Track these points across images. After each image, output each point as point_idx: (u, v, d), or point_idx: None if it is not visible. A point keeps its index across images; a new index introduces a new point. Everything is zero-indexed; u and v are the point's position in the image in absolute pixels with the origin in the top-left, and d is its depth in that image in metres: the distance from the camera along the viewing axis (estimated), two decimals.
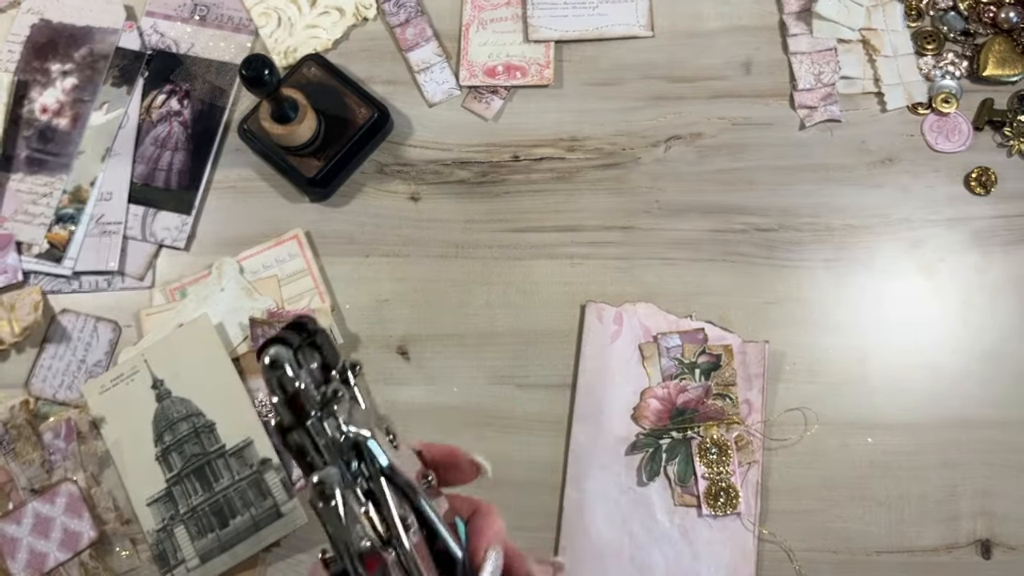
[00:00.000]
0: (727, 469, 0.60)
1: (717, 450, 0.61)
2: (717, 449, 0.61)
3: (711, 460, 0.61)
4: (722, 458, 0.60)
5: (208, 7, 0.75)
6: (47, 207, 0.70)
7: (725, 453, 0.61)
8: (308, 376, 0.29)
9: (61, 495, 0.62)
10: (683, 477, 0.61)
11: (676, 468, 0.61)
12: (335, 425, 0.30)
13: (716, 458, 0.61)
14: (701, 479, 0.60)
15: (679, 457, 0.61)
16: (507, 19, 0.74)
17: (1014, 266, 0.65)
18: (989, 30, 0.70)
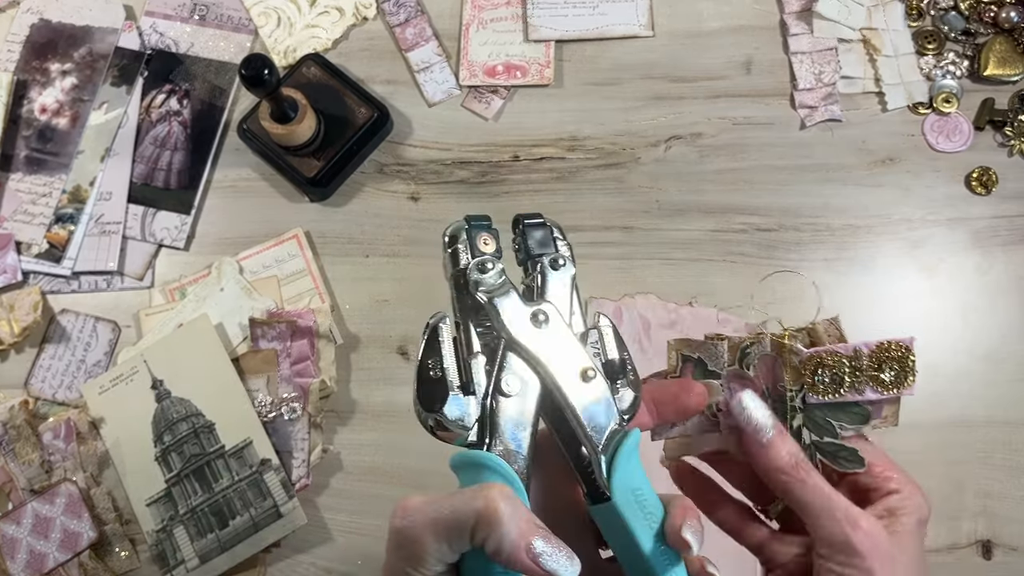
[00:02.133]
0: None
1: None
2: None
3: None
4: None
5: (207, 7, 0.75)
6: (46, 207, 0.70)
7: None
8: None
9: (60, 495, 0.61)
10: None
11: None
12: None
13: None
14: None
15: None
16: (507, 19, 0.73)
17: (1015, 266, 0.65)
18: (990, 29, 0.70)
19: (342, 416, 0.65)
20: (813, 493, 0.34)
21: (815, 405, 0.37)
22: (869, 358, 0.36)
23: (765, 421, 0.36)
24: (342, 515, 0.63)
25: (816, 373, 0.36)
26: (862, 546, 0.33)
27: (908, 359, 0.36)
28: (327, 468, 0.64)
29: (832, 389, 0.36)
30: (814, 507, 0.34)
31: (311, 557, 0.62)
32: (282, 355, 0.64)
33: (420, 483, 0.63)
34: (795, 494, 0.35)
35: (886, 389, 0.36)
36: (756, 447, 0.36)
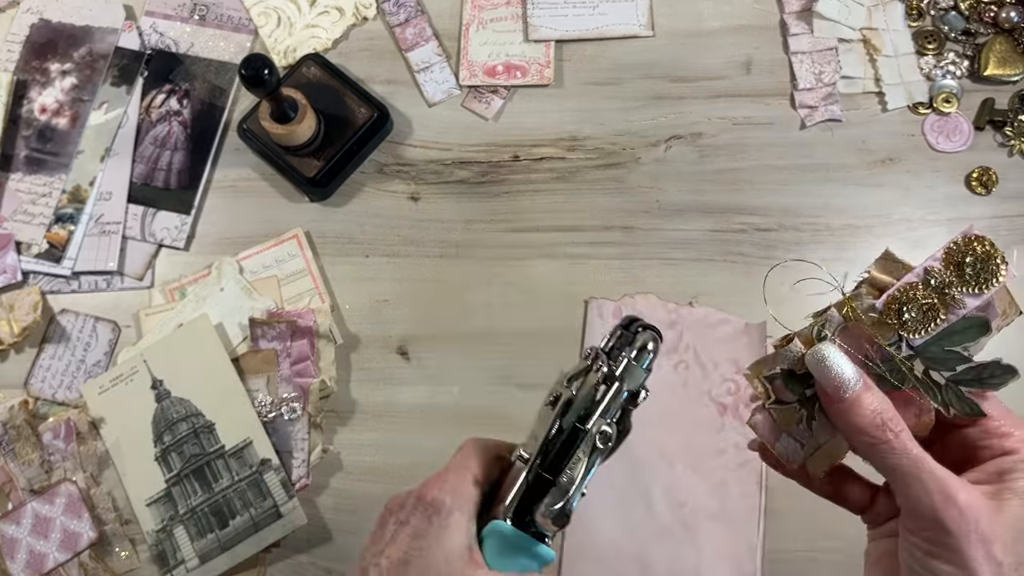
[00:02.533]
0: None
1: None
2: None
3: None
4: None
5: (207, 7, 0.75)
6: (46, 207, 0.69)
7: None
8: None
9: (60, 495, 0.61)
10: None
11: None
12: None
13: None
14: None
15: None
16: (507, 19, 0.73)
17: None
18: (990, 29, 0.70)
19: (342, 416, 0.65)
20: (900, 457, 0.31)
21: (925, 344, 0.33)
22: (945, 270, 0.33)
23: (846, 375, 0.32)
24: (342, 515, 0.63)
25: (901, 315, 0.33)
26: (953, 524, 0.29)
27: (981, 246, 0.33)
28: (327, 468, 0.64)
29: (929, 320, 0.33)
30: (901, 473, 0.30)
31: (311, 557, 0.62)
32: (282, 355, 0.64)
33: (419, 483, 0.63)
34: (880, 459, 0.31)
35: (981, 286, 0.33)
36: (837, 406, 0.32)
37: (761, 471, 0.61)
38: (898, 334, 0.33)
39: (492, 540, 0.36)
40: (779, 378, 0.35)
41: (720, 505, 0.61)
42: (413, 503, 0.36)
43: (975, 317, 0.33)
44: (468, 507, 0.35)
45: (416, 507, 0.35)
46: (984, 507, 0.30)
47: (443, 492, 0.35)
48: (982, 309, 0.33)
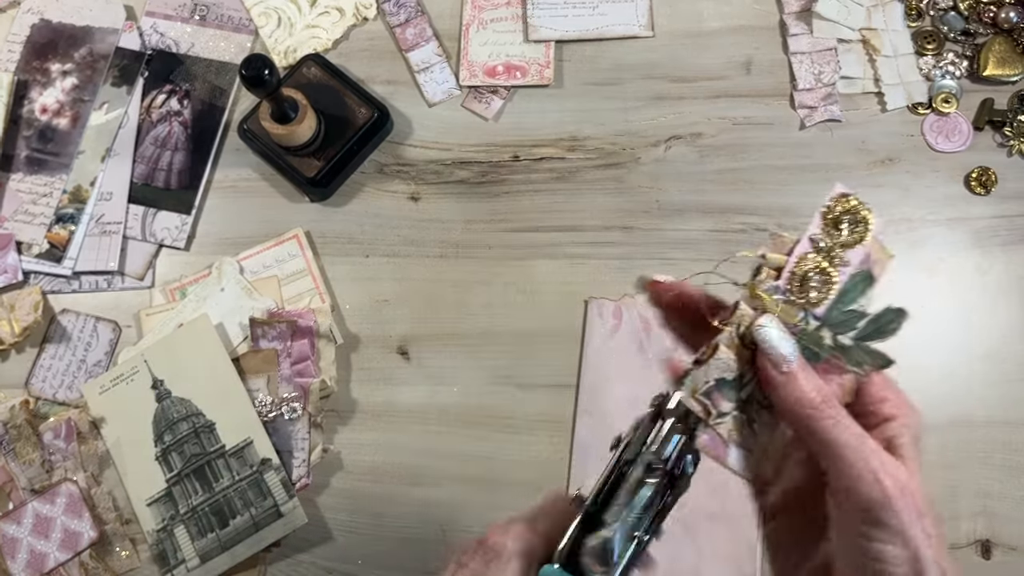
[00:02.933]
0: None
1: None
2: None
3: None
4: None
5: (208, 7, 0.75)
6: (47, 207, 0.70)
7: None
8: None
9: (61, 495, 0.62)
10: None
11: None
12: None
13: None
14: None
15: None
16: (507, 19, 0.73)
17: (1014, 266, 0.65)
18: (989, 30, 0.70)
19: (342, 416, 0.65)
20: (843, 431, 0.30)
21: (827, 312, 0.34)
22: (825, 235, 0.34)
23: (787, 349, 0.32)
24: (342, 514, 0.63)
25: (803, 287, 0.33)
26: (897, 502, 0.29)
27: (847, 204, 0.34)
28: (327, 468, 0.64)
29: (827, 287, 0.33)
30: (842, 449, 0.30)
31: (311, 556, 0.62)
32: (282, 355, 0.64)
33: (419, 482, 0.64)
34: (822, 432, 0.30)
35: (858, 240, 0.34)
36: (777, 378, 0.32)
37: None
38: (803, 309, 0.34)
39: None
40: (716, 390, 0.35)
41: (720, 505, 0.61)
42: (475, 547, 0.36)
43: (860, 271, 0.34)
44: (529, 554, 0.35)
45: (477, 551, 0.35)
46: (914, 482, 0.30)
47: (505, 537, 0.35)
48: (864, 263, 0.34)
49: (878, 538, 0.29)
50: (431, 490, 0.63)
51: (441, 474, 0.64)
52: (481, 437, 0.64)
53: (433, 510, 0.63)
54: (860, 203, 0.34)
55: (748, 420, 0.34)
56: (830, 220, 0.34)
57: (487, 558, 0.35)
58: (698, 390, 0.35)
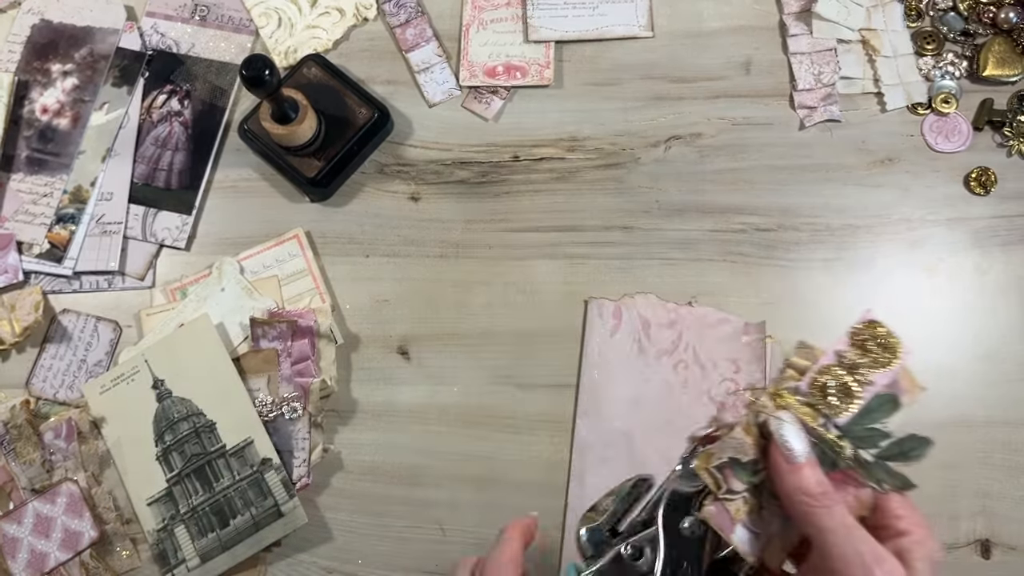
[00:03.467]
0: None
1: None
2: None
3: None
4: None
5: (208, 7, 0.75)
6: (47, 207, 0.70)
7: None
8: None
9: (62, 495, 0.62)
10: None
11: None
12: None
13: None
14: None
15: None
16: (507, 19, 0.74)
17: (1014, 266, 0.66)
18: (989, 30, 0.70)
19: (343, 416, 0.65)
20: (837, 521, 0.33)
21: (849, 424, 0.36)
22: (852, 350, 0.36)
23: (801, 446, 0.34)
24: (343, 514, 0.63)
25: (826, 396, 0.36)
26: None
27: (876, 330, 0.36)
28: (328, 467, 0.64)
29: (849, 398, 0.36)
30: (834, 536, 0.32)
31: (312, 556, 0.62)
32: (283, 355, 0.64)
33: (419, 482, 0.64)
34: (817, 521, 0.33)
35: (884, 365, 0.36)
36: (784, 467, 0.34)
37: None
38: (824, 416, 0.36)
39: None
40: (727, 467, 0.36)
41: None
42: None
43: (886, 394, 0.36)
44: None
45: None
46: (902, 573, 0.31)
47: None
48: (890, 387, 0.36)
49: None
50: (431, 490, 0.64)
51: (441, 474, 0.64)
52: (481, 437, 0.64)
53: (433, 510, 0.63)
54: (889, 332, 0.36)
55: (758, 505, 0.36)
56: (858, 341, 0.37)
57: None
58: (710, 464, 0.37)
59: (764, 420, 0.36)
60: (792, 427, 0.35)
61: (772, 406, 0.36)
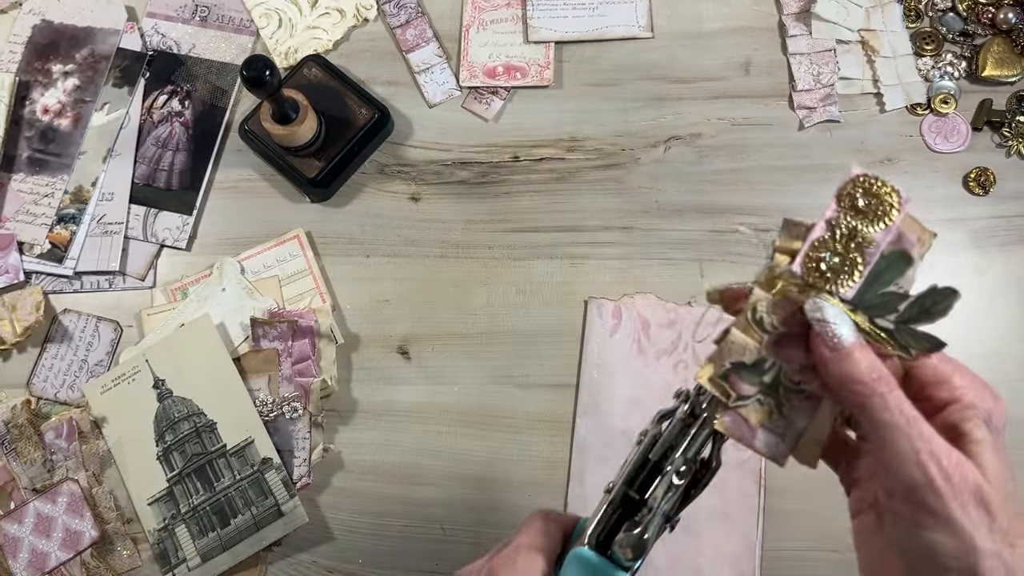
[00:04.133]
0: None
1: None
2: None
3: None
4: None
5: (209, 8, 0.75)
6: (49, 207, 0.70)
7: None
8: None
9: (63, 494, 0.62)
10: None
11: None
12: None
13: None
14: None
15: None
16: (507, 20, 0.74)
17: (1013, 266, 0.66)
18: (988, 31, 0.71)
19: (343, 415, 0.65)
20: (894, 411, 0.29)
21: (859, 295, 0.32)
22: (844, 212, 0.32)
23: (847, 328, 0.30)
24: (343, 514, 0.63)
25: (821, 269, 0.32)
26: (942, 486, 0.27)
27: (866, 183, 0.32)
28: (328, 467, 0.64)
29: (850, 267, 0.32)
30: (891, 429, 0.29)
31: (312, 556, 0.63)
32: (283, 355, 0.64)
33: (419, 482, 0.64)
34: (872, 411, 0.29)
35: (883, 220, 0.32)
36: (829, 356, 0.30)
37: (760, 471, 0.61)
38: (829, 292, 0.32)
39: (571, 569, 0.36)
40: (733, 373, 0.34)
41: (720, 504, 0.61)
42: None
43: (893, 252, 0.32)
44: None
45: None
46: (970, 469, 0.28)
47: (514, 574, 0.35)
48: (895, 243, 0.32)
49: (925, 524, 0.28)
50: (431, 490, 0.64)
51: (441, 474, 0.64)
52: (481, 437, 0.64)
53: (433, 510, 0.63)
54: (880, 182, 0.32)
55: (776, 404, 0.33)
56: (847, 202, 0.32)
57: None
58: (715, 374, 0.34)
59: (763, 315, 0.33)
60: (833, 308, 0.30)
61: (766, 296, 0.33)
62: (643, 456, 0.36)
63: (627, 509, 0.36)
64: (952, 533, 0.27)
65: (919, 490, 0.28)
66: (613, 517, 0.36)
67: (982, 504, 0.28)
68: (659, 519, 0.35)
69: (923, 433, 0.28)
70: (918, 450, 0.28)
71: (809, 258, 0.32)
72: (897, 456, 0.28)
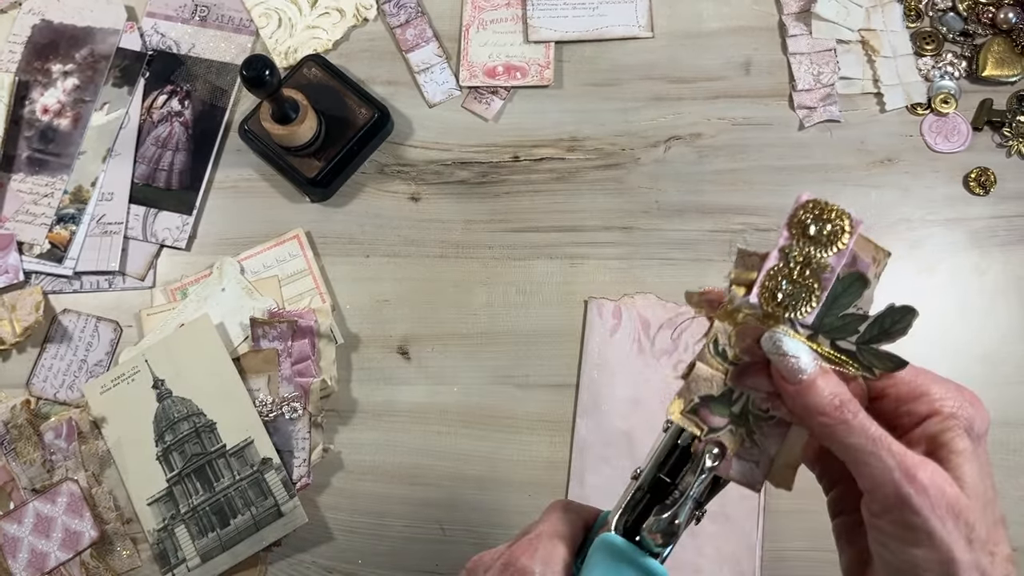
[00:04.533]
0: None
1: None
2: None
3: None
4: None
5: (209, 8, 0.75)
6: (48, 207, 0.70)
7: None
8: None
9: (62, 495, 0.62)
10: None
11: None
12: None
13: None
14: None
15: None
16: (507, 20, 0.74)
17: (1013, 266, 0.66)
18: (988, 30, 0.71)
19: (343, 416, 0.65)
20: (859, 435, 0.29)
21: (819, 320, 0.32)
22: (796, 240, 0.32)
23: (807, 357, 0.30)
24: (343, 514, 0.63)
25: (778, 298, 0.32)
26: (918, 501, 0.28)
27: (815, 208, 0.32)
28: (328, 467, 0.64)
29: (807, 293, 0.32)
30: (860, 453, 0.29)
31: (312, 556, 0.63)
32: (283, 355, 0.64)
33: (419, 482, 0.64)
34: (839, 438, 0.29)
35: (835, 244, 0.31)
36: (790, 389, 0.31)
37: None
38: (789, 320, 0.32)
39: (599, 555, 0.35)
40: (702, 406, 0.34)
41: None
42: (500, 569, 0.35)
43: (849, 274, 0.32)
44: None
45: (504, 574, 0.34)
46: (945, 480, 0.28)
47: (534, 561, 0.34)
48: (850, 265, 0.32)
49: (905, 539, 0.28)
50: (431, 490, 0.64)
51: (441, 474, 0.64)
52: (481, 437, 0.64)
53: (433, 510, 0.63)
54: (828, 206, 0.32)
55: (748, 433, 0.34)
56: (798, 229, 0.32)
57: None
58: (685, 408, 0.34)
59: (723, 348, 0.33)
60: (790, 340, 0.31)
61: (726, 328, 0.33)
62: (672, 441, 0.36)
63: (655, 496, 0.36)
64: (931, 547, 0.28)
65: (896, 508, 0.28)
66: (641, 503, 0.36)
67: (959, 516, 0.28)
68: (690, 505, 0.34)
69: (893, 450, 0.29)
70: (890, 468, 0.28)
71: (765, 288, 0.32)
72: (871, 478, 0.29)
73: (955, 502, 0.28)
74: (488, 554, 0.37)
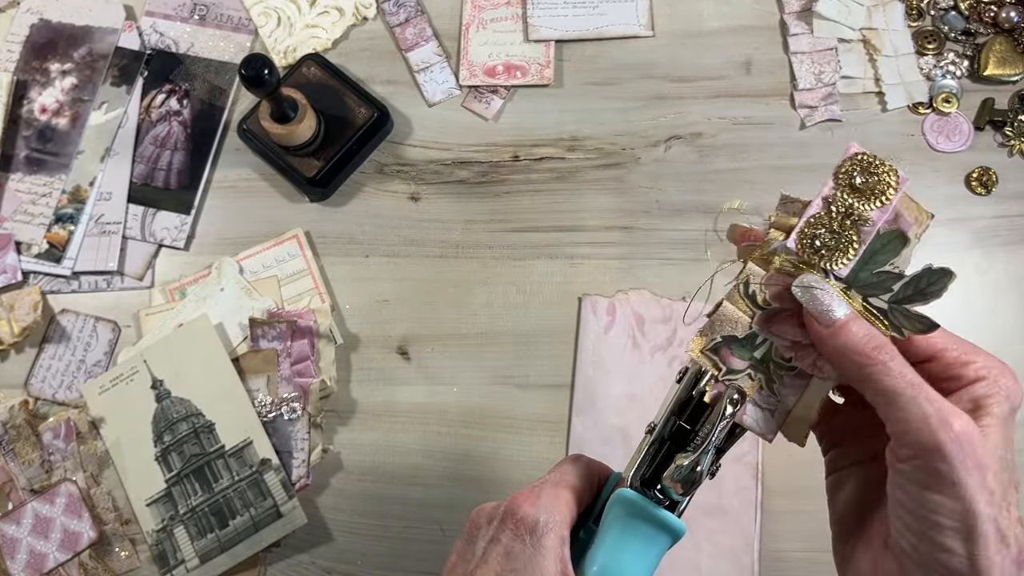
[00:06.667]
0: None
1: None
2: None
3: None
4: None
5: (207, 7, 0.75)
6: (46, 207, 0.70)
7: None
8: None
9: (61, 495, 0.62)
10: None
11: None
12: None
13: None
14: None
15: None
16: (507, 19, 0.73)
17: (1014, 266, 0.65)
18: (990, 29, 0.70)
19: (342, 416, 0.65)
20: (898, 378, 0.29)
21: (854, 273, 0.32)
22: (841, 191, 0.32)
23: (838, 303, 0.30)
24: (342, 515, 0.63)
25: (815, 245, 0.31)
26: (950, 450, 0.28)
27: (864, 161, 0.32)
28: (327, 468, 0.64)
29: (845, 245, 0.31)
30: (898, 396, 0.29)
31: (311, 557, 0.62)
32: (282, 355, 0.64)
33: (418, 482, 0.64)
34: (875, 381, 0.29)
35: (879, 198, 0.32)
36: (823, 332, 0.30)
37: (757, 465, 0.61)
38: (823, 269, 0.32)
39: (616, 510, 0.34)
40: (724, 346, 0.33)
41: (717, 499, 0.61)
42: (502, 518, 0.34)
43: (889, 231, 0.32)
44: (562, 529, 0.33)
45: (506, 523, 0.33)
46: (977, 434, 0.28)
47: (536, 509, 0.33)
48: (892, 222, 0.32)
49: (929, 486, 0.28)
50: (431, 490, 0.63)
51: (441, 474, 0.64)
52: (481, 437, 0.64)
53: (433, 510, 0.63)
54: (879, 161, 0.32)
55: (766, 380, 0.33)
56: (844, 179, 0.32)
57: (519, 532, 0.33)
58: (706, 347, 0.34)
59: (754, 289, 0.33)
60: (820, 286, 0.30)
61: (759, 271, 0.33)
62: (687, 392, 0.35)
63: (670, 448, 0.35)
64: (956, 496, 0.28)
65: (928, 454, 0.28)
66: (658, 456, 0.35)
67: (985, 469, 0.28)
68: (711, 453, 0.34)
69: (931, 398, 0.29)
70: (928, 415, 0.28)
71: (804, 235, 0.32)
72: (904, 423, 0.29)
73: (983, 457, 0.28)
74: (490, 505, 0.36)
